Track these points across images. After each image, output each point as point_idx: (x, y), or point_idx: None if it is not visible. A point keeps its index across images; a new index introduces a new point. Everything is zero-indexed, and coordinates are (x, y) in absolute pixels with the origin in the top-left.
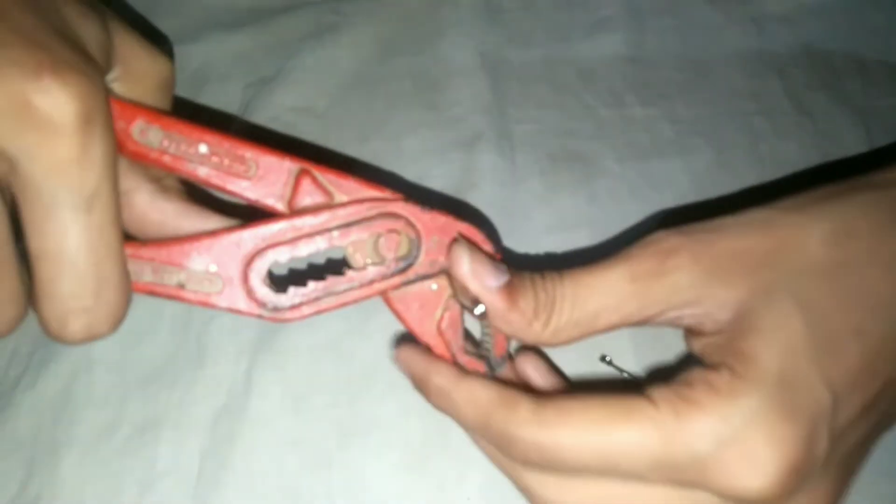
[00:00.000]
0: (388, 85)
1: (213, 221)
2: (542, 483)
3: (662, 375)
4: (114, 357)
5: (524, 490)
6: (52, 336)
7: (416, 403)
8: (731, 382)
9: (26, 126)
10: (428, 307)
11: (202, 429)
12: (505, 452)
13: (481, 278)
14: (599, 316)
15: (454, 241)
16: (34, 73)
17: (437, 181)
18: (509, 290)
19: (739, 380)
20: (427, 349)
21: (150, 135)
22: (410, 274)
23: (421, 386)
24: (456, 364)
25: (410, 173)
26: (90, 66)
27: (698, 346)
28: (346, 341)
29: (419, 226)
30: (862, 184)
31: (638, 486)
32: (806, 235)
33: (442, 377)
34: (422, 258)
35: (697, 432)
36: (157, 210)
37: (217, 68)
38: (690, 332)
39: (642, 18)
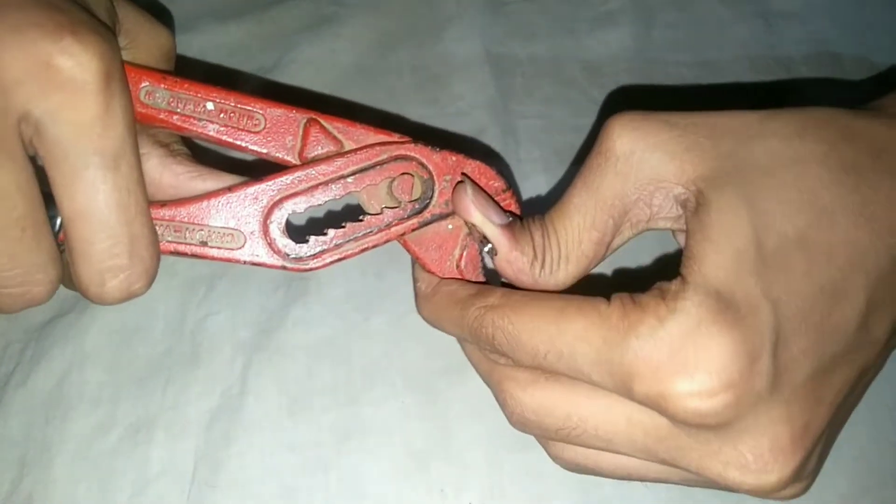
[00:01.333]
0: (388, 78)
1: (226, 180)
2: (514, 379)
3: None
4: (107, 355)
5: (499, 394)
6: (92, 297)
7: (416, 406)
8: (677, 287)
9: (50, 87)
10: (446, 247)
11: (196, 429)
12: (479, 342)
13: (487, 214)
14: (582, 239)
15: (459, 181)
16: (55, 34)
17: None
18: (511, 229)
19: (684, 285)
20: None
21: (156, 96)
22: (426, 215)
23: (416, 300)
24: None
25: None
26: (104, 28)
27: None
28: (344, 341)
29: (431, 166)
30: (843, 109)
31: (595, 395)
32: (766, 128)
33: (424, 283)
34: (436, 198)
35: (635, 333)
36: (170, 174)
37: (214, 59)
38: (673, 233)
39: (650, 13)
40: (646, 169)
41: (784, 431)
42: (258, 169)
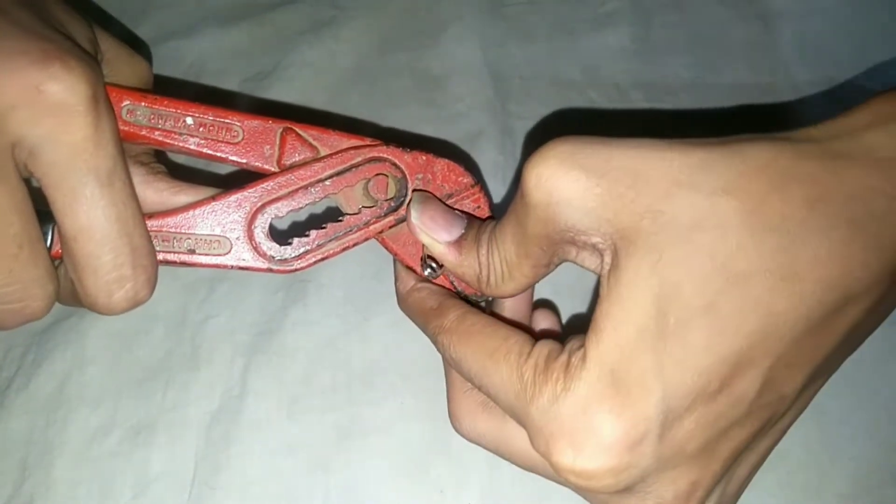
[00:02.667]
0: (387, 80)
1: (205, 193)
2: (461, 401)
3: None
4: (107, 358)
5: (449, 404)
6: (100, 309)
7: (416, 407)
8: (577, 361)
9: (41, 112)
10: (419, 242)
11: (197, 431)
12: (438, 350)
13: (432, 233)
14: (520, 262)
15: (413, 194)
16: (43, 61)
17: None
18: (458, 244)
19: (583, 361)
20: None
21: (137, 114)
22: (402, 212)
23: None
24: (455, 291)
25: None
26: (87, 54)
27: None
28: (344, 342)
29: (403, 166)
30: (780, 137)
31: (519, 432)
32: (694, 180)
33: (402, 283)
34: (409, 196)
35: (536, 402)
36: (152, 191)
37: (213, 63)
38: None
39: (648, 14)
40: (563, 219)
41: (668, 492)
42: (233, 182)
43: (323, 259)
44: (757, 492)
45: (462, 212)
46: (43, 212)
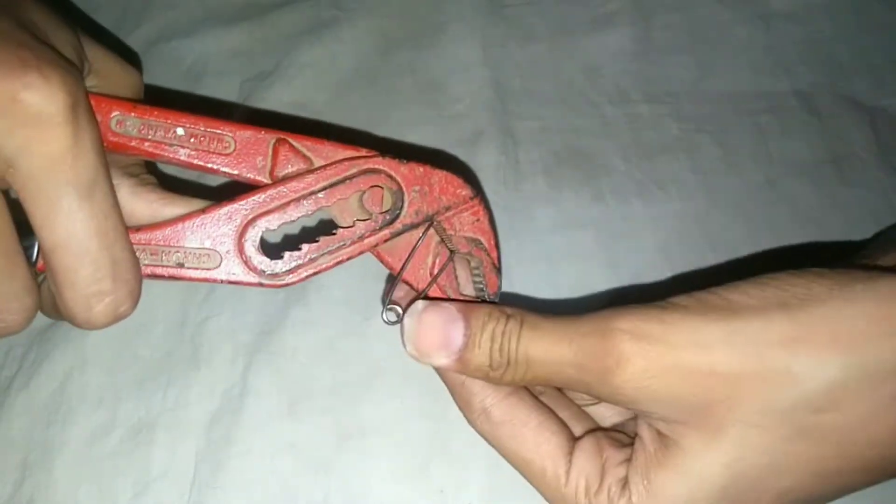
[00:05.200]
0: (388, 81)
1: (196, 205)
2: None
3: None
4: (108, 357)
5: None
6: (80, 323)
7: (416, 407)
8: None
9: (18, 122)
10: (418, 256)
11: (197, 431)
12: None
13: (430, 357)
14: (548, 379)
15: (401, 318)
16: (19, 70)
17: None
18: (461, 357)
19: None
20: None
21: (127, 125)
22: (398, 225)
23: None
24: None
25: None
26: (67, 62)
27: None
28: (344, 343)
29: (399, 178)
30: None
31: None
32: (801, 371)
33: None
34: (406, 209)
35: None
36: (142, 202)
37: (214, 63)
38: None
39: (649, 14)
40: (638, 407)
41: None
42: (224, 194)
43: (315, 273)
44: None
45: (455, 300)
46: (24, 223)
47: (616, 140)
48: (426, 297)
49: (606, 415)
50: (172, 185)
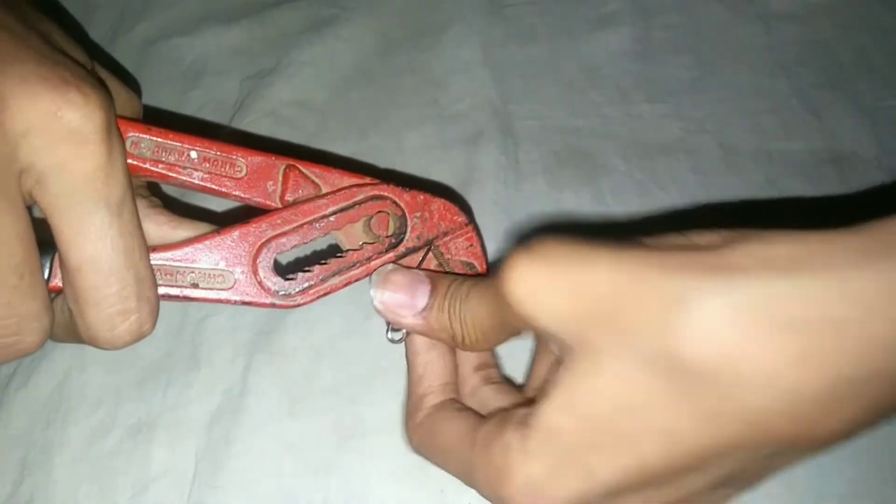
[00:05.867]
0: (388, 80)
1: (203, 228)
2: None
3: None
4: (107, 356)
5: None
6: (102, 342)
7: None
8: (519, 441)
9: (56, 139)
10: None
11: (197, 430)
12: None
13: (397, 313)
14: (493, 328)
15: (372, 275)
16: (61, 88)
17: (437, 178)
18: (427, 314)
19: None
20: None
21: (142, 146)
22: (401, 248)
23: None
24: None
25: (411, 170)
26: (100, 82)
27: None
28: (345, 342)
29: (402, 204)
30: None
31: None
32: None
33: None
34: (409, 233)
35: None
36: (153, 224)
37: (214, 62)
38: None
39: (649, 14)
40: (537, 325)
41: None
42: (228, 219)
43: (326, 294)
44: (758, 492)
45: (424, 269)
46: (41, 242)
47: (616, 140)
48: None
49: None
50: (174, 207)
